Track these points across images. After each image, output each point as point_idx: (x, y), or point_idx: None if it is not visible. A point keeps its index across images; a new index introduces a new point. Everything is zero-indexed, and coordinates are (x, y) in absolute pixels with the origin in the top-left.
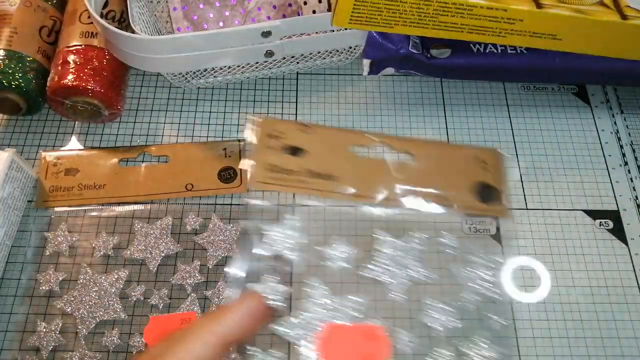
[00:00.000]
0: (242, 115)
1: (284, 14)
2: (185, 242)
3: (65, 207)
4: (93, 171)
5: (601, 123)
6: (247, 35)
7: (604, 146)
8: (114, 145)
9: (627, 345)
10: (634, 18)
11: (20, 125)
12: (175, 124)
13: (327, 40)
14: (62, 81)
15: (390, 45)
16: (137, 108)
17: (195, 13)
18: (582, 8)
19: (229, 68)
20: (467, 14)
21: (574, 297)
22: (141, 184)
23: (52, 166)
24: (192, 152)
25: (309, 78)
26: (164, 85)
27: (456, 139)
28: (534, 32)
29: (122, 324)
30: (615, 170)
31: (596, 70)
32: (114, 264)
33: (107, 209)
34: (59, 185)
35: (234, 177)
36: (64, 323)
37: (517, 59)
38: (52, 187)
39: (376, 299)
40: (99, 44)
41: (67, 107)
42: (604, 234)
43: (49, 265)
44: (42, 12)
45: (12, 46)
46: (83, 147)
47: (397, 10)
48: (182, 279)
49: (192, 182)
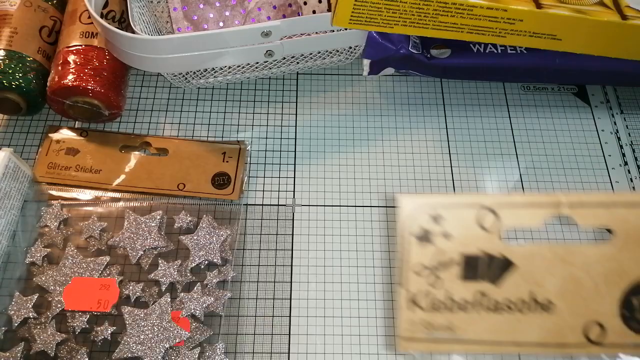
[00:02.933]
0: (242, 115)
1: (284, 14)
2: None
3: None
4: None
5: (601, 123)
6: (247, 35)
7: (604, 146)
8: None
9: None
10: (633, 18)
11: (20, 125)
12: (176, 124)
13: (327, 40)
14: (62, 81)
15: (390, 45)
16: (137, 108)
17: (195, 13)
18: (582, 8)
19: (229, 68)
20: (467, 14)
21: None
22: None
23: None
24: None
25: (309, 78)
26: (164, 86)
27: (456, 139)
28: (534, 32)
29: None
30: (615, 171)
31: (596, 71)
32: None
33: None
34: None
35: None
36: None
37: (517, 59)
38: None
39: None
40: (99, 44)
41: (67, 107)
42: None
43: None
44: (43, 12)
45: (13, 46)
46: (88, 129)
47: (397, 10)
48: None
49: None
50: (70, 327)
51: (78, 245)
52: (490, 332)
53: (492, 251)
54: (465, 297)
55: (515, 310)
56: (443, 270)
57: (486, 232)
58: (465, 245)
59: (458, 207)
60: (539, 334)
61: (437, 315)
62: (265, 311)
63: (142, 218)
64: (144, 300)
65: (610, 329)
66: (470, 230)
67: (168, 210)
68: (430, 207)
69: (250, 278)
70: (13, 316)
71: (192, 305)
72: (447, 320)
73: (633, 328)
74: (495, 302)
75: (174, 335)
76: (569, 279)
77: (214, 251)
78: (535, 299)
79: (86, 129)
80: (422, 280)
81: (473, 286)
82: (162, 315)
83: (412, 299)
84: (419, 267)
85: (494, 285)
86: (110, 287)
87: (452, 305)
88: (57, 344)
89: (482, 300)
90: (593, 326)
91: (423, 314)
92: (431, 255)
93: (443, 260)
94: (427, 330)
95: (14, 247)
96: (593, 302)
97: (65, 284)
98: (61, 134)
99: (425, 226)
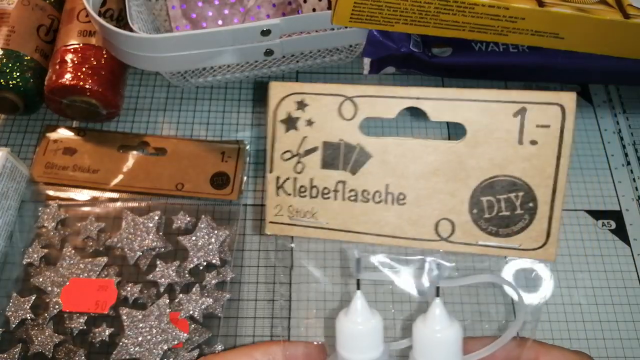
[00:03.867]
0: (241, 114)
1: (283, 12)
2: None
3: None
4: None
5: (603, 122)
6: (247, 33)
7: (607, 146)
8: None
9: (629, 347)
10: (636, 17)
11: (17, 124)
12: (174, 123)
13: (327, 38)
14: (60, 80)
15: (391, 43)
16: (136, 107)
17: (194, 11)
18: (585, 7)
19: (228, 67)
20: (469, 12)
21: (576, 298)
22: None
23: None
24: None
25: (309, 77)
26: (162, 85)
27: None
28: (536, 31)
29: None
30: (617, 170)
31: (598, 69)
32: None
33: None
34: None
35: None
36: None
37: (518, 58)
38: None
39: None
40: (97, 42)
41: (65, 106)
42: (606, 234)
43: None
44: (40, 10)
45: (10, 45)
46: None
47: (397, 9)
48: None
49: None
50: (68, 329)
51: (76, 245)
52: (348, 221)
53: (351, 140)
54: (327, 185)
55: (371, 201)
56: (307, 157)
57: (346, 121)
58: (327, 134)
59: (322, 96)
60: (394, 226)
61: (300, 201)
62: (264, 312)
63: (140, 218)
64: (142, 301)
65: (460, 226)
66: (331, 118)
67: (166, 211)
68: (296, 94)
69: (249, 279)
70: (10, 317)
71: (190, 306)
72: (310, 206)
73: (482, 227)
74: (354, 191)
75: (173, 336)
76: (422, 174)
77: (213, 252)
78: (390, 191)
79: (84, 129)
80: (289, 166)
81: (333, 174)
82: (161, 317)
83: (280, 184)
84: (286, 153)
85: (352, 175)
86: (108, 288)
87: (314, 192)
88: (55, 345)
89: (341, 188)
90: (444, 223)
91: (289, 198)
92: (296, 141)
93: (307, 147)
94: (291, 215)
95: (12, 248)
96: (444, 198)
97: (62, 285)
98: (59, 133)
99: (291, 113)
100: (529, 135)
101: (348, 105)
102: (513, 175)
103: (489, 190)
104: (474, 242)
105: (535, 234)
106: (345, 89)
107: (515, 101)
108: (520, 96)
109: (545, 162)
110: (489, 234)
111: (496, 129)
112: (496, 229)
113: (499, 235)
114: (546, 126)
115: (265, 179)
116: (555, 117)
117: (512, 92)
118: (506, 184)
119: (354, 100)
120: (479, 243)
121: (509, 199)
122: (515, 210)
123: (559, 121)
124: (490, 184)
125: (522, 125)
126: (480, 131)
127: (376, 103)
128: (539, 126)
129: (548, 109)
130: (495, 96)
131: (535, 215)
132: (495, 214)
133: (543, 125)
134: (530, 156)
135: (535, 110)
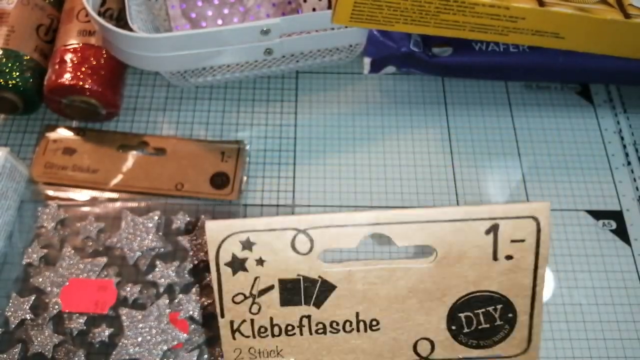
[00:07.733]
0: (241, 114)
1: (283, 12)
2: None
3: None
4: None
5: (604, 122)
6: (246, 33)
7: (607, 145)
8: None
9: (629, 347)
10: (636, 17)
11: (17, 124)
12: (174, 123)
13: (327, 38)
14: (59, 80)
15: (391, 43)
16: (135, 107)
17: (193, 11)
18: (585, 6)
19: (228, 66)
20: (469, 12)
21: (576, 298)
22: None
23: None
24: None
25: (308, 77)
26: (162, 84)
27: (457, 138)
28: (536, 31)
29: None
30: (618, 170)
31: (599, 69)
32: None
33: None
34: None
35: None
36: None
37: (519, 58)
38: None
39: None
40: (96, 42)
41: (65, 106)
42: (607, 234)
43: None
44: (40, 10)
45: (9, 45)
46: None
47: (398, 8)
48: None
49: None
50: (68, 329)
51: (75, 246)
52: (318, 353)
53: (311, 274)
54: (289, 322)
55: (342, 331)
56: (263, 297)
57: (301, 255)
58: (282, 271)
59: (268, 232)
60: (369, 353)
61: (262, 341)
62: None
63: (140, 219)
64: (142, 301)
65: (439, 344)
66: (284, 255)
67: (166, 211)
68: (239, 233)
69: None
70: (10, 317)
71: (190, 306)
72: (274, 345)
73: (462, 342)
74: (321, 324)
75: (172, 337)
76: (395, 298)
77: None
78: (361, 319)
79: (83, 128)
80: (243, 309)
81: (296, 310)
82: (160, 317)
83: (235, 328)
84: (238, 295)
85: (317, 309)
86: (107, 289)
87: (277, 331)
88: (54, 345)
89: (307, 323)
90: (423, 342)
91: (247, 341)
92: (248, 283)
93: (261, 287)
94: (253, 357)
95: (11, 248)
96: (420, 319)
97: (62, 285)
98: (58, 133)
99: (236, 254)
100: (504, 251)
101: (302, 238)
102: (490, 290)
103: (466, 307)
104: (455, 356)
105: (517, 342)
106: (294, 221)
107: (486, 218)
108: (491, 212)
109: (522, 275)
110: (470, 347)
111: (469, 249)
112: (477, 342)
113: (480, 347)
114: (521, 240)
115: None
116: (530, 231)
117: (483, 207)
118: (484, 299)
119: (307, 232)
120: (460, 357)
121: (488, 312)
122: (494, 322)
123: (534, 235)
124: (466, 300)
125: (496, 243)
126: (451, 252)
127: (333, 234)
128: (514, 241)
129: (522, 223)
130: (464, 214)
131: (516, 325)
132: (474, 327)
133: (518, 240)
134: (507, 271)
135: (509, 226)
